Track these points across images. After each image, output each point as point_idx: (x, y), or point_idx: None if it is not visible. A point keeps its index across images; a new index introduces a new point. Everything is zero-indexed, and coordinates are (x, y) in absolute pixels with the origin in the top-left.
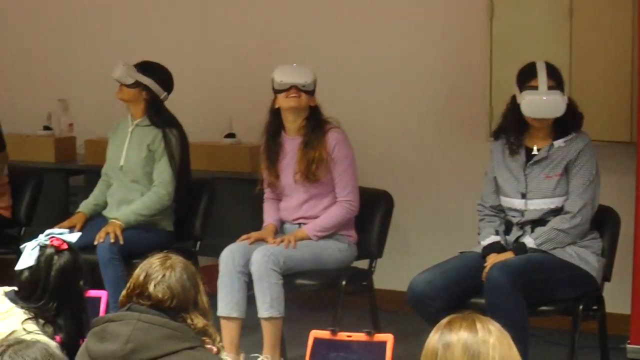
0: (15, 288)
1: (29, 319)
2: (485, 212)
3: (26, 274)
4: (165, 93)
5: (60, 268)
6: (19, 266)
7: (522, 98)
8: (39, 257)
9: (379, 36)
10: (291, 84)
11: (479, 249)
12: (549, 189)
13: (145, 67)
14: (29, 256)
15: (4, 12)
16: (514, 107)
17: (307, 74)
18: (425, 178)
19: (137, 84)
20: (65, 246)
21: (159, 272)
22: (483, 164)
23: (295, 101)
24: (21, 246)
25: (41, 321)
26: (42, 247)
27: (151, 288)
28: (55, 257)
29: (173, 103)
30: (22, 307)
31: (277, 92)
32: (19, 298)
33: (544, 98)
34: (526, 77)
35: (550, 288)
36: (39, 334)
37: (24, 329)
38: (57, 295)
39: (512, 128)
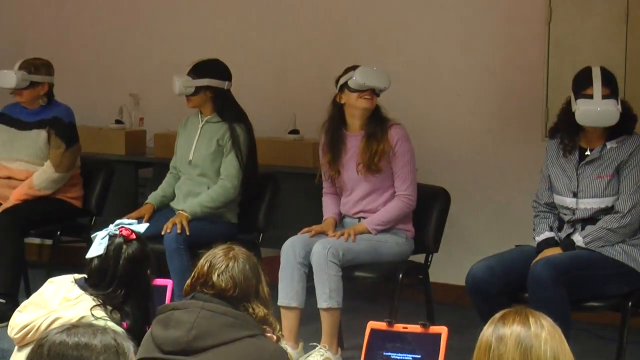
0: (85, 275)
1: (97, 305)
2: (540, 208)
3: (96, 262)
4: (227, 82)
5: (128, 257)
6: (90, 254)
7: (577, 107)
8: (108, 246)
9: (442, 39)
10: (372, 86)
11: (534, 244)
12: (600, 188)
13: (199, 70)
14: (99, 245)
15: (80, 12)
16: (568, 109)
17: (387, 79)
18: (482, 176)
19: (197, 90)
20: (133, 236)
21: (223, 262)
22: (538, 162)
23: (369, 103)
24: (92, 235)
25: (109, 308)
26: (112, 237)
27: (215, 277)
28: (124, 247)
29: (240, 100)
30: (91, 294)
31: (352, 90)
32: (88, 285)
33: (599, 109)
34: (582, 85)
35: (597, 284)
36: (106, 320)
37: (93, 315)
38: (124, 283)
39: (566, 129)
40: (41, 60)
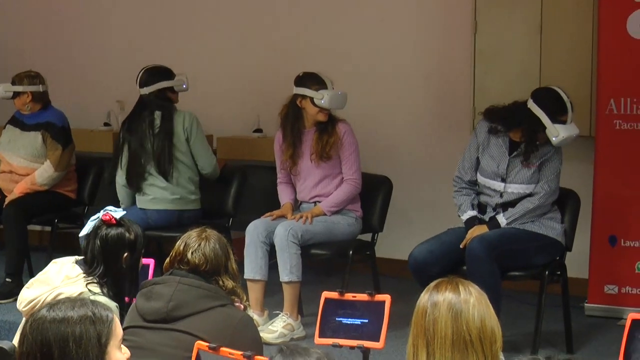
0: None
1: (93, 282)
2: (462, 184)
3: (83, 241)
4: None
5: (102, 238)
6: (81, 234)
7: (559, 132)
8: (95, 228)
9: (385, 50)
10: (333, 108)
11: (462, 222)
12: (526, 176)
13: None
14: (87, 226)
15: (73, 31)
16: (516, 110)
17: (345, 101)
18: (419, 166)
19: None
20: (113, 221)
21: (196, 242)
22: None
23: (326, 117)
24: (86, 221)
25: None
26: (100, 220)
27: (189, 255)
28: (103, 228)
29: (216, 106)
30: (84, 272)
31: (316, 105)
32: (82, 263)
33: (574, 135)
34: (557, 111)
35: (524, 256)
36: (100, 295)
37: (90, 290)
38: (100, 261)
39: (505, 124)
40: (27, 72)
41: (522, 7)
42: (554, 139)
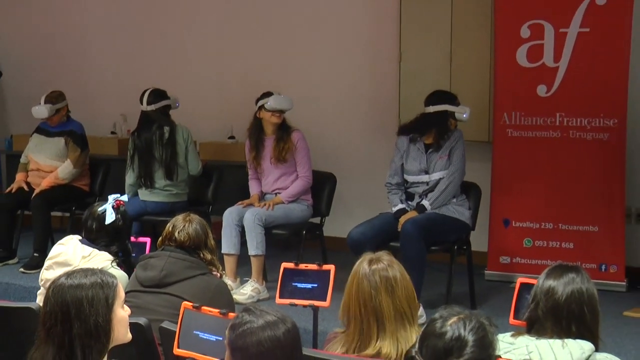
0: (80, 237)
1: (114, 260)
2: (392, 187)
3: (94, 224)
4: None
5: (123, 216)
6: (108, 220)
7: (463, 109)
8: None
9: (329, 72)
10: (280, 109)
11: (392, 211)
12: (442, 164)
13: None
14: (111, 215)
15: (83, 56)
16: (428, 116)
17: (290, 103)
18: (357, 164)
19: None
20: (120, 204)
21: (182, 224)
22: (392, 154)
23: (278, 119)
24: (96, 204)
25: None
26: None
27: (176, 234)
28: (121, 209)
29: (197, 115)
30: (98, 248)
31: (267, 110)
32: (89, 241)
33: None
34: (453, 98)
35: (443, 234)
36: (116, 269)
37: (112, 265)
38: (107, 234)
39: (422, 131)
40: (57, 92)
41: (436, 40)
42: (464, 116)
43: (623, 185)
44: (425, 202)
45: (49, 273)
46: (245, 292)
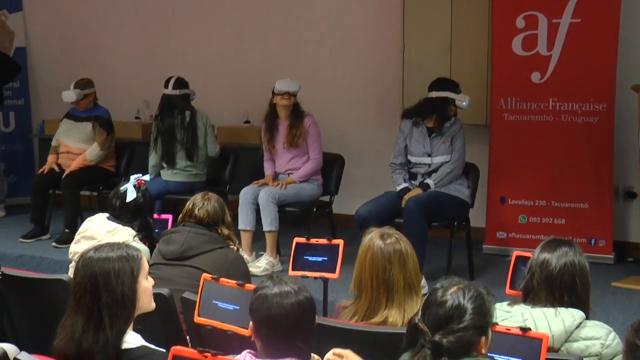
0: (107, 214)
1: (137, 235)
2: (396, 167)
3: (118, 202)
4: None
5: (143, 195)
6: (129, 198)
7: (464, 97)
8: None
9: (339, 63)
10: (286, 91)
11: (396, 190)
12: (444, 149)
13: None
14: (132, 192)
15: (110, 42)
16: (430, 101)
17: (296, 85)
18: (364, 146)
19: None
20: (141, 183)
21: (201, 202)
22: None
23: (287, 101)
24: (120, 184)
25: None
26: (134, 186)
27: (196, 211)
28: (141, 189)
29: (215, 101)
30: (122, 223)
31: (275, 94)
32: (115, 218)
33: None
34: (455, 85)
35: (443, 211)
36: (136, 241)
37: (134, 239)
38: (129, 211)
39: (424, 115)
40: (86, 79)
41: (437, 32)
42: (464, 103)
43: (611, 165)
44: (429, 181)
45: (77, 246)
46: (260, 265)
